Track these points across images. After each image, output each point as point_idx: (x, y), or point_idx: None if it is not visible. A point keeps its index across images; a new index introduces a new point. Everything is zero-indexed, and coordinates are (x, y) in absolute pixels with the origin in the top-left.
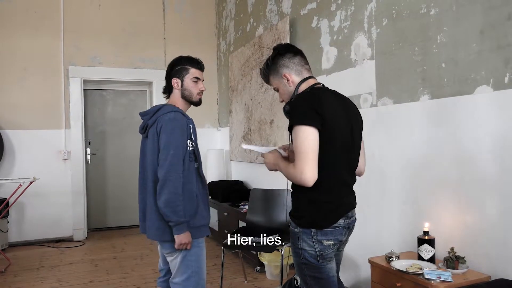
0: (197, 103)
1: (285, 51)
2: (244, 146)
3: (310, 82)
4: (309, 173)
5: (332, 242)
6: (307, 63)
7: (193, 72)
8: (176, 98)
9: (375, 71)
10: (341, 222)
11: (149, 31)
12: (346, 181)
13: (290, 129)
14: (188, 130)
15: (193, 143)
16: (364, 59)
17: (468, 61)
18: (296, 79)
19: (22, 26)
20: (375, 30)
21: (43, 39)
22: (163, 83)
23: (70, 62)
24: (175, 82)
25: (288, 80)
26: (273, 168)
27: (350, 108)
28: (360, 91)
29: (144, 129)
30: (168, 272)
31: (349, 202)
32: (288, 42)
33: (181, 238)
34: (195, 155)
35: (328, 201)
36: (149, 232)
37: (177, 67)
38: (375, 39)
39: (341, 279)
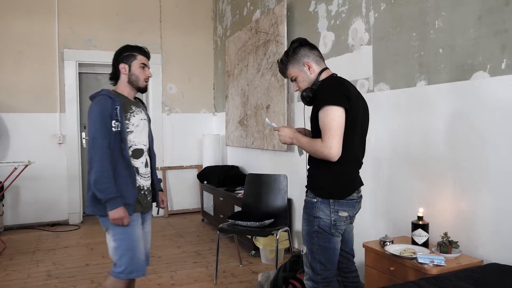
0: (144, 89)
1: (305, 43)
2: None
3: (329, 72)
4: (336, 149)
5: (346, 214)
6: (322, 56)
7: (140, 58)
8: (122, 84)
9: (372, 57)
10: (355, 195)
11: (145, 14)
12: (359, 161)
13: (316, 112)
14: (112, 111)
15: (120, 124)
16: (361, 44)
17: (466, 47)
18: (317, 68)
19: (16, 8)
20: (373, 15)
21: (38, 22)
22: (159, 67)
23: (65, 45)
24: (123, 67)
25: (309, 68)
26: (289, 141)
27: (362, 97)
28: (357, 77)
29: None
30: None
31: (360, 179)
32: (285, 26)
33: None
34: (121, 136)
35: (346, 174)
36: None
37: (125, 53)
38: (373, 24)
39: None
